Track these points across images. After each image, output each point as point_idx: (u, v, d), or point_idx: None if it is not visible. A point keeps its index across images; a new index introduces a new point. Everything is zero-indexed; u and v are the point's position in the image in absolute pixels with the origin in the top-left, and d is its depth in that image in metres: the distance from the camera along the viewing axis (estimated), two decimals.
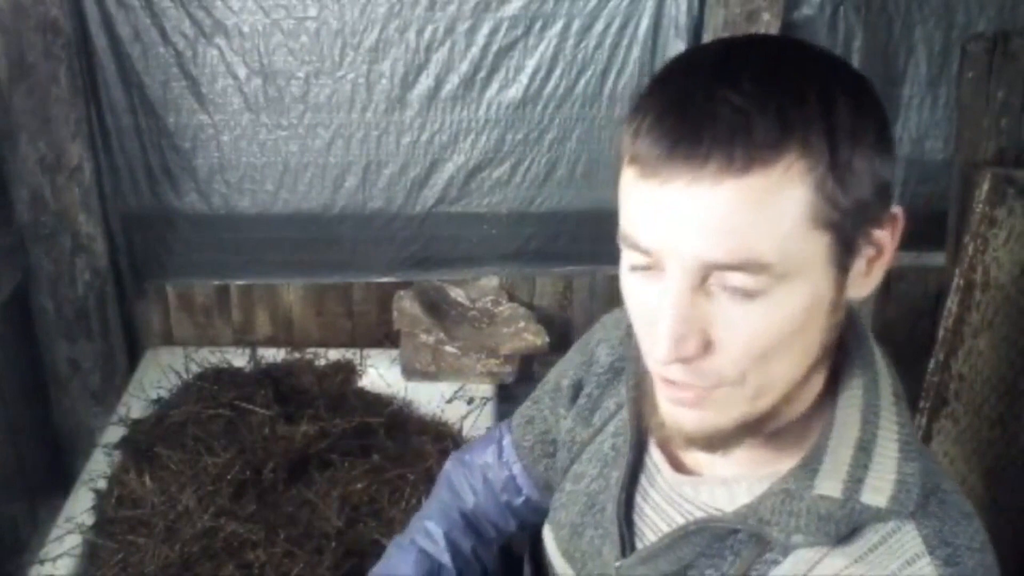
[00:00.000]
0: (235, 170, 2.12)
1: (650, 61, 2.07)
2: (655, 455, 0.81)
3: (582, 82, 2.09)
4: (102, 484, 1.81)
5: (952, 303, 1.90)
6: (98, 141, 2.05)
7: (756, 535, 0.70)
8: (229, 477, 1.75)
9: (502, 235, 2.23)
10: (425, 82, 2.07)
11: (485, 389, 2.12)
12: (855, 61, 2.10)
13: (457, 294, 2.26)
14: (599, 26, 2.04)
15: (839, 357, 0.71)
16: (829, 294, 0.63)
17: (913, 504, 0.66)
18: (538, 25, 2.03)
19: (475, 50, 2.05)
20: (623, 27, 2.04)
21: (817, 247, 0.60)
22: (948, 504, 0.69)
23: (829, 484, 0.67)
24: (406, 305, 2.19)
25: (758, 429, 0.68)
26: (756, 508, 0.69)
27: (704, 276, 0.60)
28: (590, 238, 2.21)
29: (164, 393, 2.06)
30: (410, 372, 2.12)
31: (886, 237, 0.65)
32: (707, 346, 0.62)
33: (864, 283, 0.65)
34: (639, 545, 0.80)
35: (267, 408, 1.91)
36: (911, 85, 2.15)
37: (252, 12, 1.99)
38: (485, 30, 2.03)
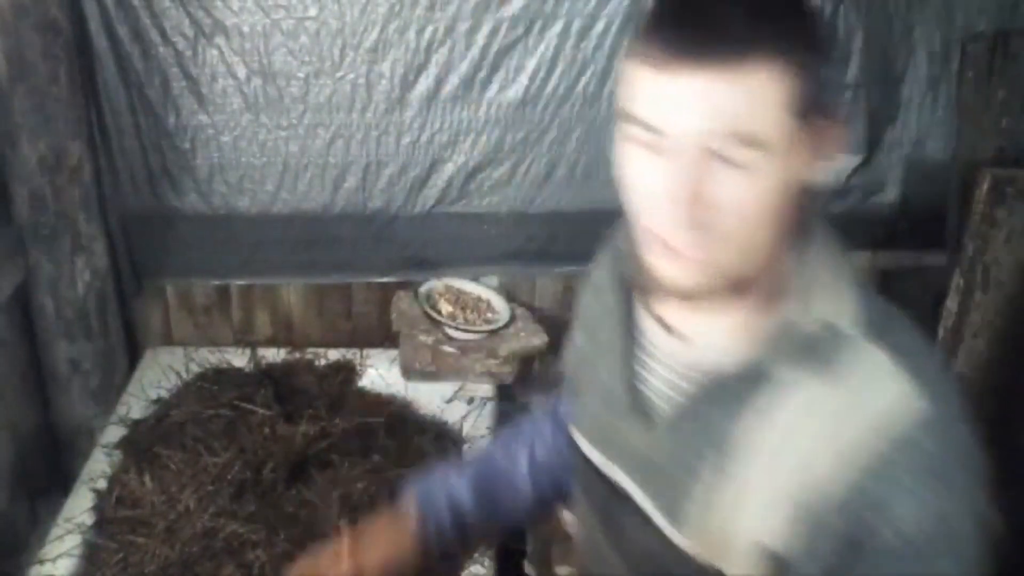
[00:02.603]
0: (235, 170, 2.12)
1: None
2: (648, 329, 0.91)
3: (582, 82, 2.08)
4: (102, 484, 1.81)
5: (952, 303, 1.90)
6: (98, 141, 2.05)
7: (749, 376, 0.82)
8: (229, 477, 1.75)
9: (502, 235, 2.22)
10: (425, 82, 2.07)
11: (485, 389, 2.12)
12: (855, 61, 2.10)
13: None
14: (599, 26, 2.04)
15: (805, 237, 0.84)
16: (799, 171, 0.77)
17: (871, 328, 0.80)
18: (538, 25, 2.03)
19: (475, 50, 2.05)
20: (623, 27, 2.04)
21: (790, 131, 0.75)
22: (906, 331, 0.83)
23: (806, 319, 0.80)
24: (406, 305, 2.19)
25: (739, 288, 0.81)
26: (755, 352, 0.82)
27: (703, 150, 0.74)
28: (590, 238, 2.19)
29: (164, 393, 2.06)
30: (410, 372, 2.12)
31: (835, 130, 0.79)
32: (704, 211, 0.75)
33: (818, 169, 0.79)
34: (655, 415, 0.89)
35: (267, 408, 1.91)
36: (911, 85, 2.14)
37: (252, 12, 1.99)
38: (485, 30, 2.03)
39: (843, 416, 0.77)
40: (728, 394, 0.83)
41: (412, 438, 1.97)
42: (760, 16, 0.74)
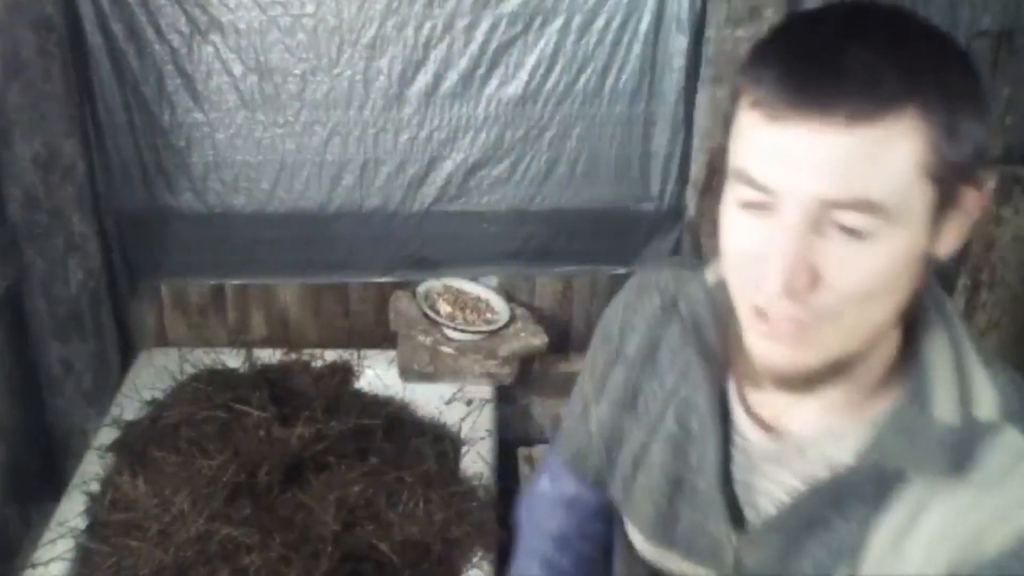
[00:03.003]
0: (230, 168, 2.11)
1: (651, 57, 2.05)
2: (740, 424, 0.82)
3: (583, 79, 2.07)
4: (95, 487, 1.80)
5: (958, 303, 1.88)
6: (92, 139, 2.04)
7: (877, 477, 0.74)
8: (224, 480, 1.74)
9: (501, 234, 2.21)
10: (423, 79, 2.05)
11: (484, 390, 2.10)
12: None
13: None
14: (600, 22, 2.02)
15: (917, 315, 0.76)
16: (924, 244, 0.68)
17: (1015, 408, 0.72)
18: (538, 21, 2.02)
19: (474, 47, 2.03)
20: (624, 23, 2.02)
21: (922, 197, 0.66)
22: None
23: (943, 410, 0.72)
24: (404, 305, 2.17)
25: (845, 371, 0.73)
26: (881, 449, 0.73)
27: (819, 215, 0.66)
28: (590, 237, 2.19)
29: (158, 394, 2.04)
30: (408, 373, 2.11)
31: (976, 198, 0.70)
32: (815, 280, 0.67)
33: (949, 241, 0.71)
34: (751, 516, 0.82)
35: (263, 410, 1.90)
36: None
37: (248, 9, 1.97)
38: (484, 26, 2.01)
39: (991, 525, 0.70)
40: (854, 498, 0.75)
41: (410, 440, 1.96)
42: (906, 65, 0.64)
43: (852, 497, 0.75)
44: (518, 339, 2.13)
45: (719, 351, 0.83)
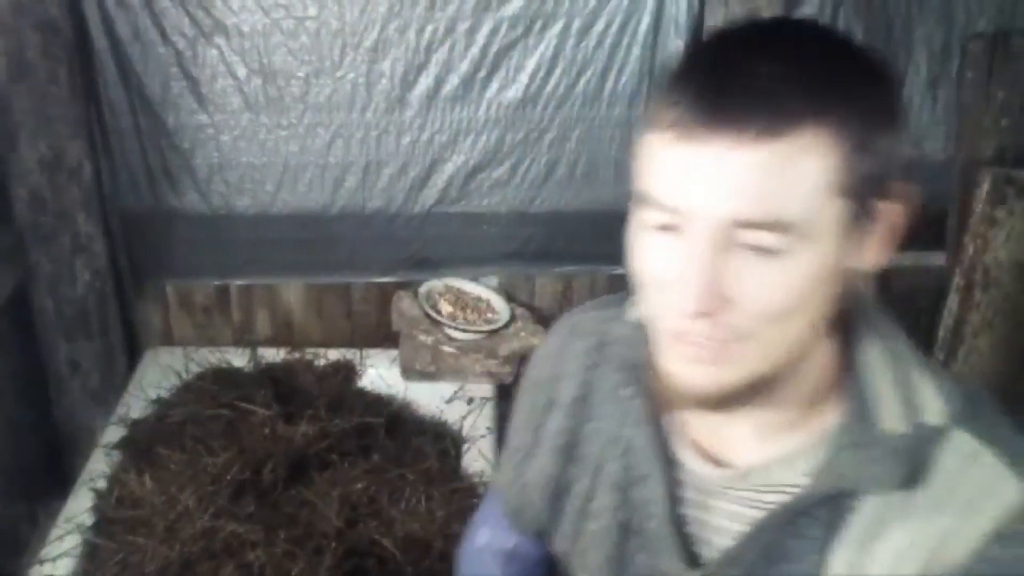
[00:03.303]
0: (235, 170, 2.12)
1: (650, 60, 2.07)
2: (685, 460, 0.80)
3: (582, 82, 2.08)
4: (102, 484, 1.81)
5: (952, 303, 1.90)
6: (98, 141, 2.05)
7: (831, 498, 0.72)
8: (229, 477, 1.75)
9: (502, 235, 2.22)
10: (425, 82, 2.07)
11: (485, 389, 2.12)
12: None
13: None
14: (599, 26, 2.04)
15: (849, 329, 0.75)
16: (840, 261, 0.67)
17: (960, 412, 0.71)
18: (538, 25, 2.03)
19: (475, 50, 2.04)
20: (623, 27, 2.04)
21: (834, 213, 0.65)
22: (987, 405, 0.74)
23: (891, 421, 0.71)
24: (406, 305, 2.19)
25: (773, 389, 0.72)
26: (833, 470, 0.72)
27: (728, 234, 0.64)
28: (590, 238, 2.21)
29: (164, 393, 2.05)
30: (409, 372, 2.12)
31: (897, 212, 0.69)
32: (725, 301, 0.65)
33: (870, 256, 0.69)
34: (707, 552, 0.79)
35: (267, 408, 1.91)
36: (911, 85, 2.14)
37: (252, 12, 1.99)
38: (485, 30, 2.03)
39: (954, 530, 0.69)
40: (809, 522, 0.73)
41: (412, 438, 1.96)
42: (813, 80, 0.63)
43: (808, 521, 0.73)
44: (518, 338, 2.14)
45: (654, 387, 0.79)
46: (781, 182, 0.63)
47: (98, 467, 1.85)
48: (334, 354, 2.19)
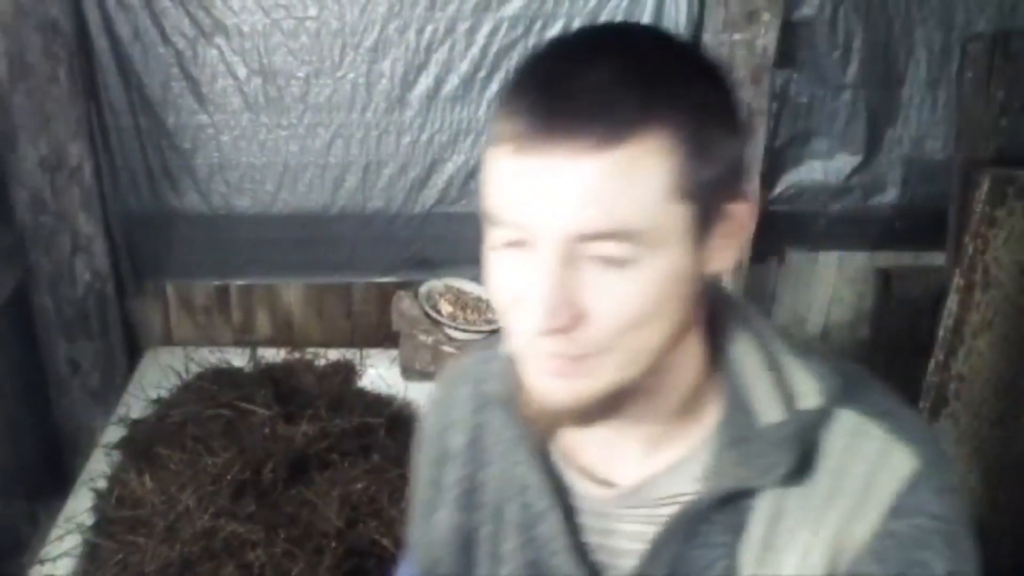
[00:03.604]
0: (235, 170, 2.12)
1: None
2: (576, 487, 0.78)
3: None
4: (102, 484, 1.81)
5: (952, 303, 1.90)
6: (98, 141, 2.05)
7: (725, 500, 0.71)
8: (229, 477, 1.75)
9: None
10: (425, 82, 2.07)
11: None
12: (855, 61, 2.10)
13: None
14: None
15: (716, 329, 0.75)
16: (690, 265, 0.66)
17: (839, 391, 0.71)
18: (538, 25, 2.03)
19: (475, 50, 2.05)
20: None
21: (678, 218, 0.64)
22: (867, 381, 0.74)
23: (768, 412, 0.71)
24: (406, 306, 2.19)
25: (640, 398, 0.71)
26: (718, 471, 0.71)
27: (575, 248, 0.63)
28: None
29: (164, 393, 2.05)
30: (410, 372, 2.12)
31: (742, 212, 0.69)
32: (579, 316, 0.64)
33: (721, 257, 0.69)
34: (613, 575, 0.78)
35: (267, 408, 1.91)
36: (911, 85, 2.15)
37: (252, 12, 1.99)
38: (485, 30, 2.03)
39: (854, 511, 0.69)
40: (709, 527, 0.72)
41: (412, 438, 1.96)
42: (643, 86, 0.62)
43: (709, 528, 0.72)
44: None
45: (527, 414, 0.77)
46: (623, 191, 0.62)
47: (98, 467, 1.85)
48: (334, 354, 2.20)
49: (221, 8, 1.98)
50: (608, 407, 0.70)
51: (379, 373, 2.15)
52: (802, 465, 0.69)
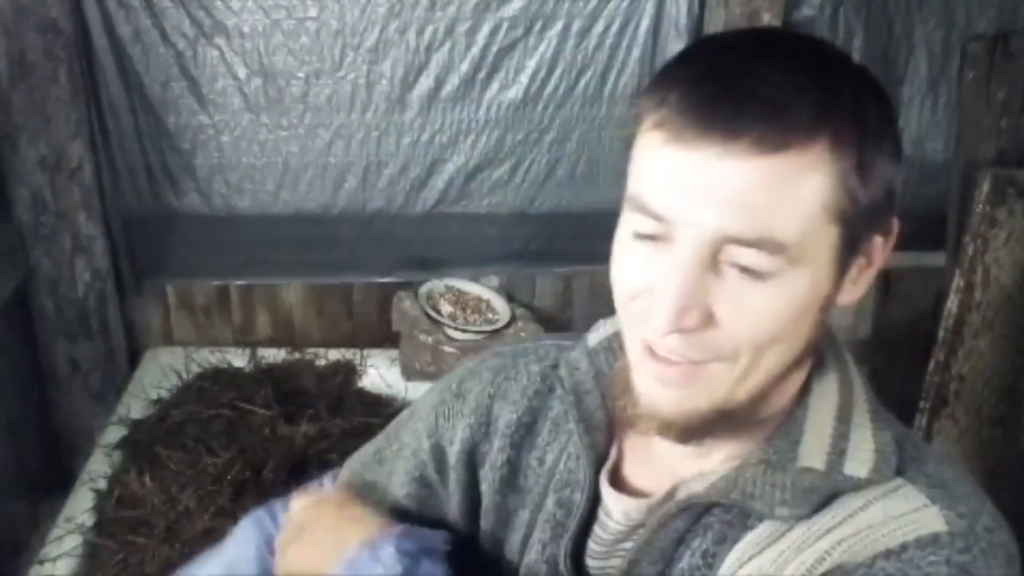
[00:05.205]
0: (235, 170, 2.12)
1: (650, 62, 2.07)
2: (608, 502, 0.75)
3: (582, 83, 2.09)
4: (102, 484, 1.81)
5: (952, 304, 1.90)
6: (98, 141, 2.05)
7: (736, 509, 0.68)
8: (229, 477, 1.75)
9: (502, 235, 2.23)
10: (425, 83, 2.07)
11: None
12: None
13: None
14: (599, 27, 2.04)
15: (813, 363, 0.71)
16: (827, 290, 0.63)
17: (892, 472, 0.66)
18: (538, 26, 2.03)
19: (475, 50, 2.05)
20: (623, 28, 2.04)
21: (828, 239, 0.61)
22: (928, 462, 0.68)
23: (812, 457, 0.67)
24: (406, 306, 2.19)
25: (733, 420, 0.67)
26: (736, 480, 0.67)
27: (717, 250, 0.60)
28: (590, 238, 2.19)
29: (164, 393, 2.06)
30: (410, 372, 2.12)
31: (882, 246, 0.66)
32: (708, 320, 0.61)
33: (852, 289, 0.66)
34: None
35: (267, 408, 1.91)
36: (911, 85, 2.15)
37: (252, 12, 1.99)
38: (485, 30, 2.03)
39: (846, 536, 0.64)
40: (696, 526, 0.69)
41: None
42: (819, 92, 0.59)
43: (699, 525, 0.69)
44: (518, 339, 2.14)
45: (602, 421, 0.75)
46: (777, 200, 0.58)
47: (98, 467, 1.86)
48: (334, 354, 2.20)
49: (221, 8, 1.98)
50: (710, 427, 0.66)
51: (379, 373, 2.15)
52: (811, 514, 0.66)
